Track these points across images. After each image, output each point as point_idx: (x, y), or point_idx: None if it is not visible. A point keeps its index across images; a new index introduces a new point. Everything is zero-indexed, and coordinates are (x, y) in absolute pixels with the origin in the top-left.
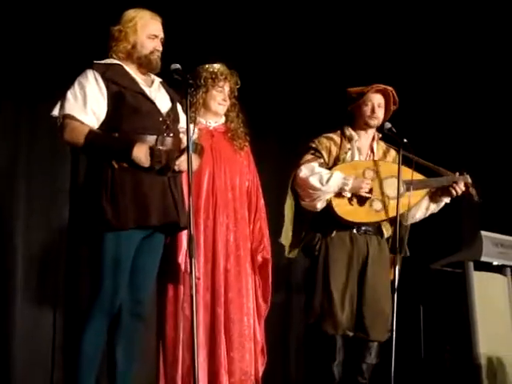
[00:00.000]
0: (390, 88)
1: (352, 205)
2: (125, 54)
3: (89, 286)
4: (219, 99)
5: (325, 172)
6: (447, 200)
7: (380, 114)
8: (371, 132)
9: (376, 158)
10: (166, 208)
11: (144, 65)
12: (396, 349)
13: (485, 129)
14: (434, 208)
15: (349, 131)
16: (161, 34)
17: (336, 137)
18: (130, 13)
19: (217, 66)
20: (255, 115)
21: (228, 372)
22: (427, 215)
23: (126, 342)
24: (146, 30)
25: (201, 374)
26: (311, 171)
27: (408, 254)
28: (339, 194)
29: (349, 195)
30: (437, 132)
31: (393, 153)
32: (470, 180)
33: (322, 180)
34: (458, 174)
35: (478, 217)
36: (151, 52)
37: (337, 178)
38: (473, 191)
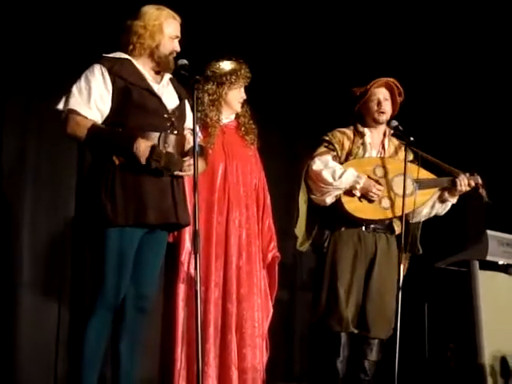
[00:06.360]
0: (391, 80)
1: (361, 201)
2: (149, 51)
3: (93, 280)
4: (239, 97)
5: (338, 167)
6: (453, 200)
7: (387, 107)
8: (382, 128)
9: (387, 155)
10: (164, 208)
11: (162, 65)
12: (400, 347)
13: (492, 127)
14: (439, 208)
15: (362, 128)
16: (179, 35)
17: (349, 132)
18: (153, 10)
19: (238, 63)
20: (259, 110)
21: (241, 369)
22: (432, 215)
23: (130, 336)
24: (170, 31)
25: (211, 371)
26: (325, 165)
27: (421, 251)
28: (349, 191)
29: (358, 194)
30: (444, 130)
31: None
32: (480, 181)
33: (334, 175)
34: (468, 174)
35: (484, 216)
36: (170, 53)
37: (349, 174)
38: (483, 192)
